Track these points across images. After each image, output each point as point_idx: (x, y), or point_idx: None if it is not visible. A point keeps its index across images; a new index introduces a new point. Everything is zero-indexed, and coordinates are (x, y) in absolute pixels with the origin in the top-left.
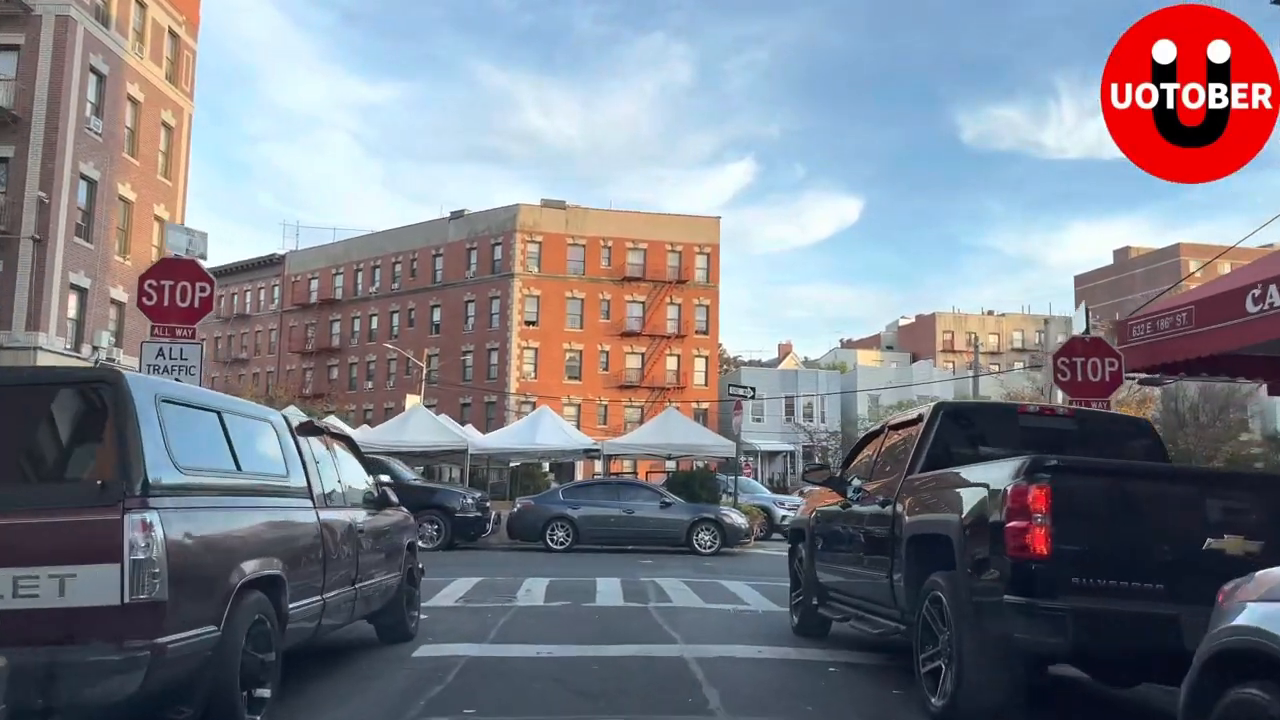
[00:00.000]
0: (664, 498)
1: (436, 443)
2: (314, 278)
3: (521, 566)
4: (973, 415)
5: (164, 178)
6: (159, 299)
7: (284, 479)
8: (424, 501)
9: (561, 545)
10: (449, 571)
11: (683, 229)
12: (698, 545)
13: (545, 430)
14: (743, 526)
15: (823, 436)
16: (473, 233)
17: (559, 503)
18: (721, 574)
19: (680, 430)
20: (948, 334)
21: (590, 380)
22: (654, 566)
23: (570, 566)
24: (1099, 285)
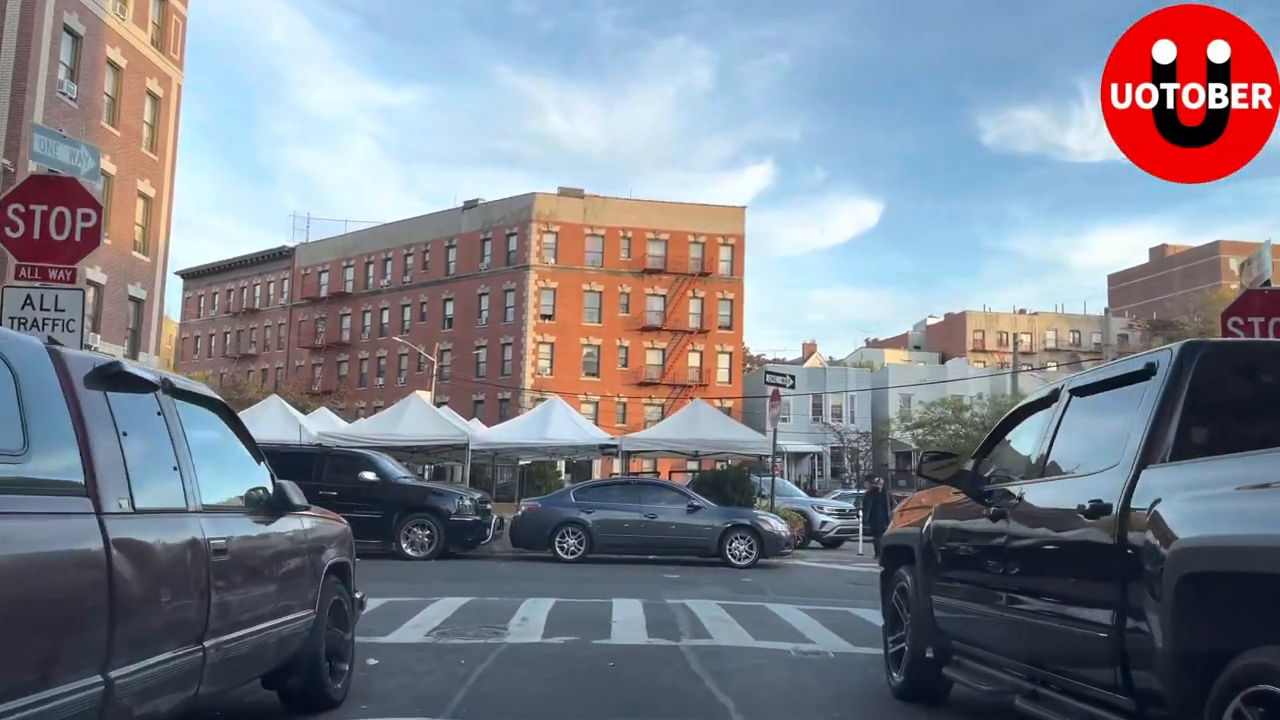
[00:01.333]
0: (691, 500)
1: (435, 436)
2: (324, 271)
3: (523, 581)
4: (1253, 359)
5: (149, 151)
6: (26, 230)
7: (18, 460)
8: (413, 503)
9: (573, 555)
10: (432, 589)
11: (706, 219)
12: (731, 556)
13: (557, 423)
14: (783, 534)
15: (853, 437)
16: (487, 223)
17: (570, 505)
18: (765, 593)
19: (709, 424)
20: (978, 333)
21: (608, 377)
22: (682, 583)
23: (581, 582)
24: (1134, 285)
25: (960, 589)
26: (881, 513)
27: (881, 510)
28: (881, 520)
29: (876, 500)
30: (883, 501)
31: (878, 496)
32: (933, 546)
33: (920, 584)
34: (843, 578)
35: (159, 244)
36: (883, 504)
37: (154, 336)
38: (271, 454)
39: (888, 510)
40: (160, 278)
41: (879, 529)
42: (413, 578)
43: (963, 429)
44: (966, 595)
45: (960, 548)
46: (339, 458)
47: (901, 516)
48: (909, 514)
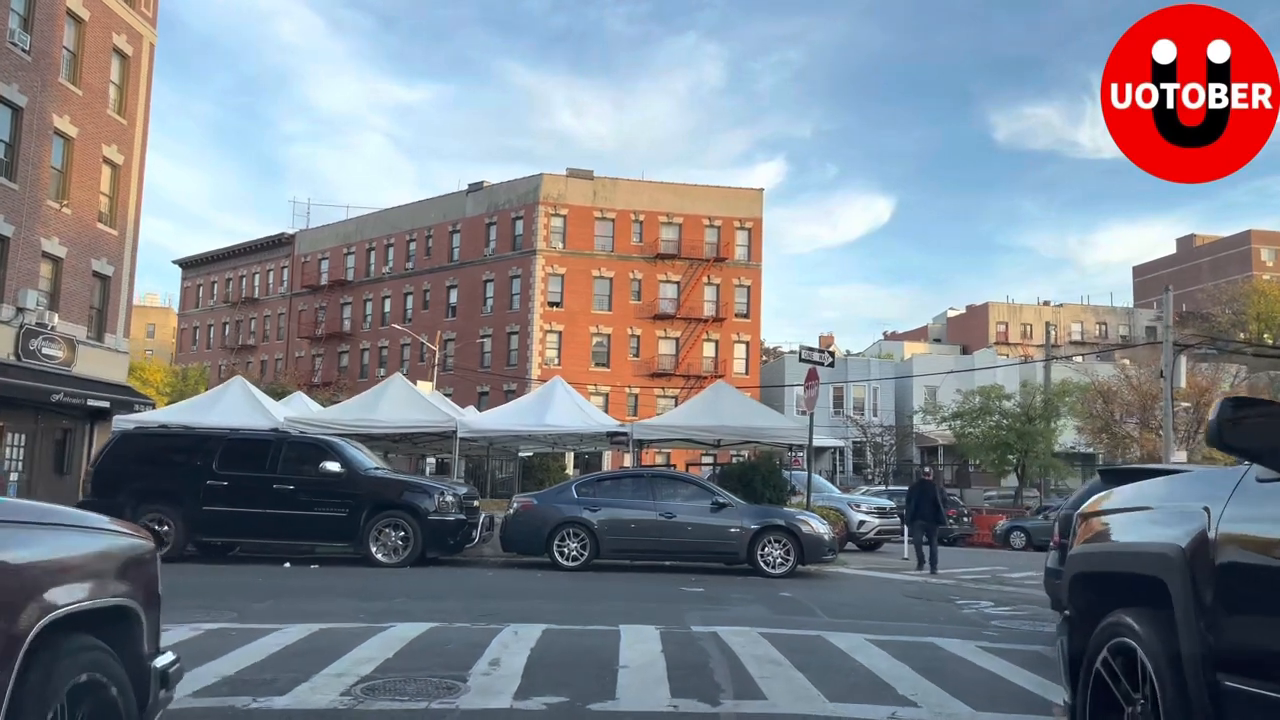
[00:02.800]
0: (716, 496)
1: (417, 422)
2: (324, 258)
3: (509, 598)
4: None
5: (117, 114)
6: None
7: None
8: (385, 498)
9: (574, 562)
10: (390, 609)
11: (721, 202)
12: (765, 563)
13: (558, 407)
14: (825, 538)
15: (876, 431)
16: (492, 206)
17: (572, 502)
18: (815, 614)
19: (734, 409)
20: (1001, 325)
21: (619, 367)
22: (708, 600)
23: (582, 599)
24: (1160, 276)
25: None
26: (928, 510)
27: (928, 507)
28: (929, 519)
29: (923, 493)
30: (930, 495)
31: (925, 488)
32: (1232, 579)
33: (1191, 647)
34: (897, 589)
35: (128, 216)
36: (930, 498)
37: (123, 317)
38: (215, 441)
39: (940, 508)
40: (130, 254)
41: (929, 529)
42: (372, 591)
43: (1004, 419)
44: None
45: None
46: (296, 445)
47: (1089, 525)
48: (1113, 521)
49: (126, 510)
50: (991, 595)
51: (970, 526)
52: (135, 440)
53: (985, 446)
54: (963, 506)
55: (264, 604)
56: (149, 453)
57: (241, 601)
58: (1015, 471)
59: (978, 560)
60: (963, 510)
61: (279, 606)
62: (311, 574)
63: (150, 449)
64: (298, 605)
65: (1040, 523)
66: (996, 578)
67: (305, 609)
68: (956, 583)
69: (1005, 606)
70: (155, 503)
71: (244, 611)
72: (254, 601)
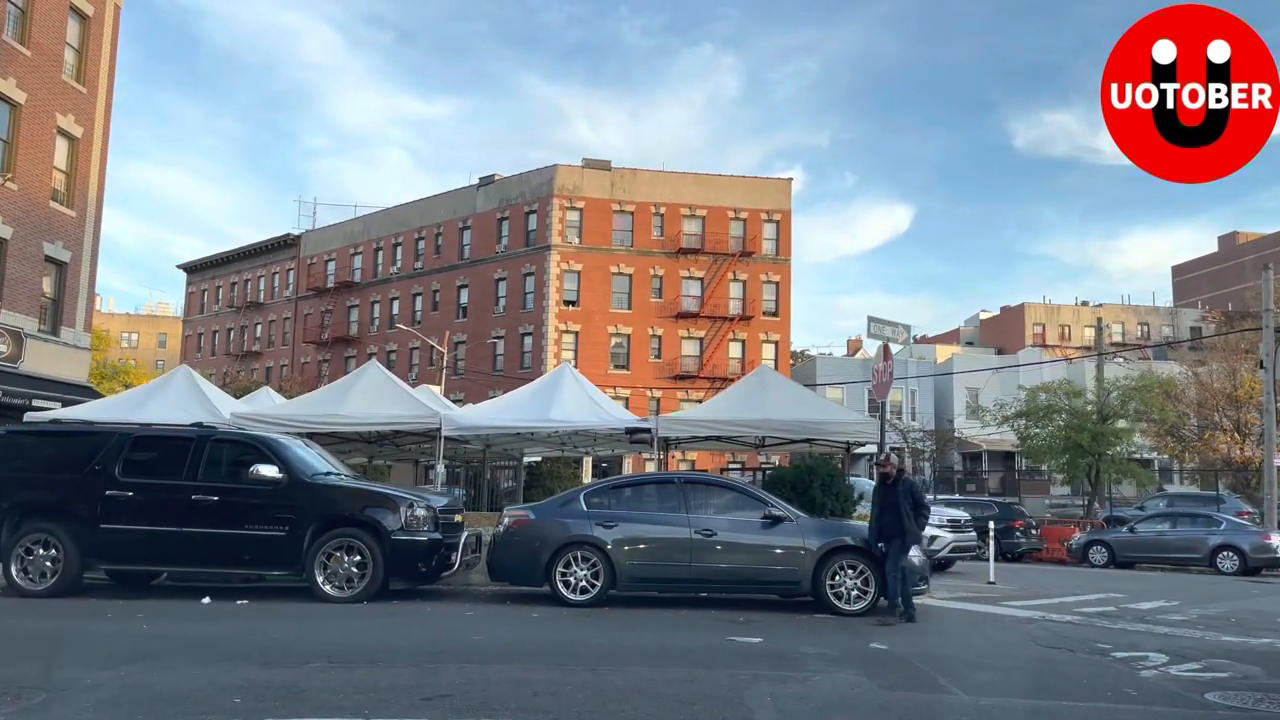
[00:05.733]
0: (770, 508)
1: (391, 416)
2: (330, 259)
3: (479, 662)
4: None
5: (74, 81)
6: None
7: None
8: (336, 513)
9: (583, 595)
10: (292, 689)
11: (747, 192)
12: (835, 596)
13: (566, 400)
14: (916, 564)
15: (916, 436)
16: (504, 200)
17: (580, 516)
18: (941, 686)
19: (783, 399)
20: (1038, 326)
21: (639, 369)
22: (774, 659)
23: (589, 664)
24: (1201, 275)
25: None
26: (891, 521)
27: (890, 517)
28: (889, 523)
29: (887, 496)
30: (893, 499)
31: (890, 490)
32: None
33: None
34: (1019, 633)
35: (88, 196)
36: (900, 496)
37: (82, 310)
38: (118, 440)
39: (908, 519)
40: (91, 239)
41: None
42: (285, 649)
43: (1074, 419)
44: None
45: None
46: (224, 445)
47: None
48: None
49: (2, 530)
50: (1153, 642)
51: (1039, 540)
52: (17, 440)
53: (1054, 450)
54: (1030, 518)
55: (105, 674)
56: (35, 456)
57: (73, 670)
58: (1087, 477)
59: (1066, 582)
60: (1030, 521)
61: (122, 681)
62: (226, 615)
63: (36, 451)
64: (153, 678)
65: (1124, 535)
66: (1126, 611)
67: (159, 686)
68: (1084, 620)
69: (1190, 663)
70: (40, 519)
71: (56, 693)
72: (94, 669)
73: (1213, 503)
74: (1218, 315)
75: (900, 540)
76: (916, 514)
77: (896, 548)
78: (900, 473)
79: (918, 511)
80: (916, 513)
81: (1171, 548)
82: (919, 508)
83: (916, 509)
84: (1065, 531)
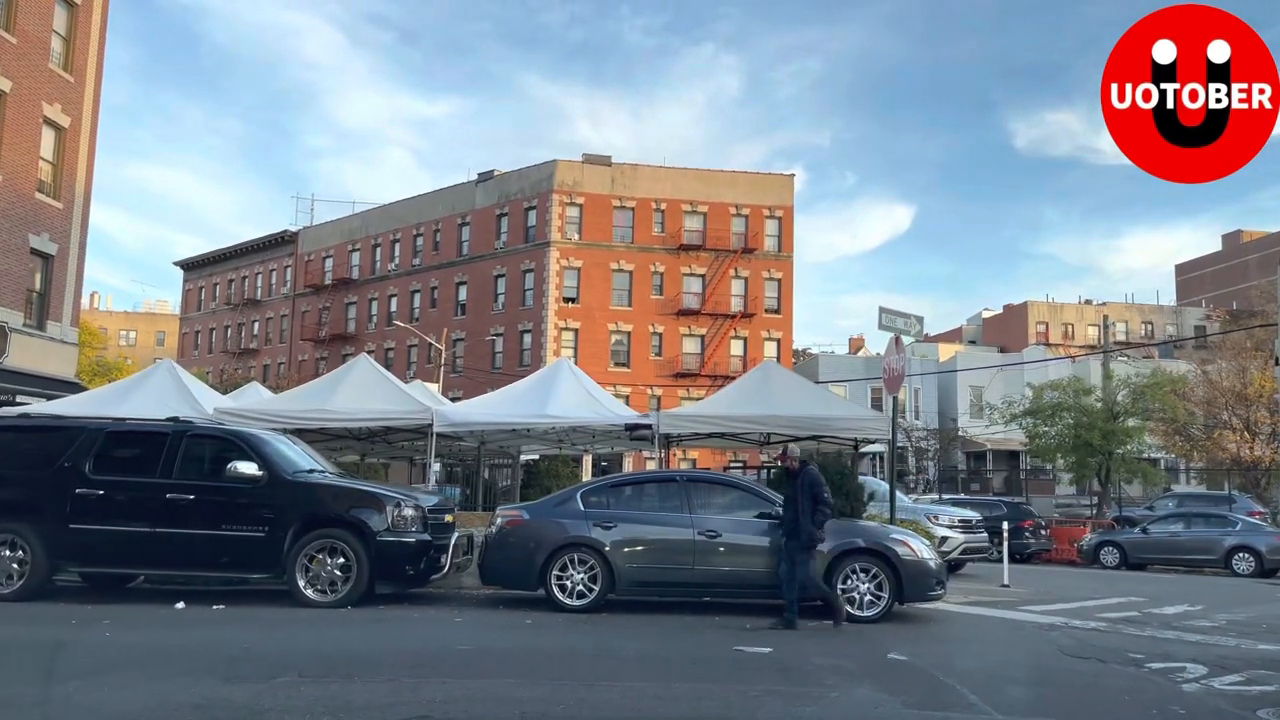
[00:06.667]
0: (777, 507)
1: (381, 411)
2: (328, 256)
3: (463, 676)
4: None
5: (62, 70)
6: None
7: None
8: (319, 513)
9: (580, 599)
10: (257, 705)
11: (749, 188)
12: (846, 602)
13: (563, 395)
14: (931, 565)
15: (920, 435)
16: (503, 195)
17: (577, 516)
18: (969, 704)
19: (790, 394)
20: (1041, 324)
21: (640, 367)
22: (785, 671)
23: (583, 678)
24: (1205, 274)
25: None
26: (791, 509)
27: (792, 504)
28: (790, 520)
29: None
30: (803, 486)
31: (793, 479)
32: None
33: None
34: (1042, 640)
35: (76, 188)
36: (799, 490)
37: (69, 305)
38: (89, 435)
39: (803, 517)
40: (80, 232)
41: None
42: (255, 658)
43: (1084, 417)
44: None
45: None
46: (200, 441)
47: None
48: None
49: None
50: (1188, 650)
51: (1048, 541)
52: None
53: (1064, 448)
54: (1040, 518)
55: (54, 689)
56: (1, 452)
57: (19, 685)
58: (1098, 476)
59: (1081, 584)
60: (1040, 522)
61: (69, 698)
62: (198, 622)
63: (3, 447)
64: (103, 696)
65: (1137, 536)
66: (1150, 616)
67: (107, 705)
68: (1110, 627)
69: (1231, 675)
70: (6, 519)
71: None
72: (43, 684)
73: (1224, 503)
74: (1222, 314)
75: (796, 540)
76: (814, 510)
77: (793, 548)
78: (803, 465)
79: (815, 508)
80: (814, 509)
81: (1185, 549)
82: (818, 504)
83: (815, 505)
84: (1075, 532)
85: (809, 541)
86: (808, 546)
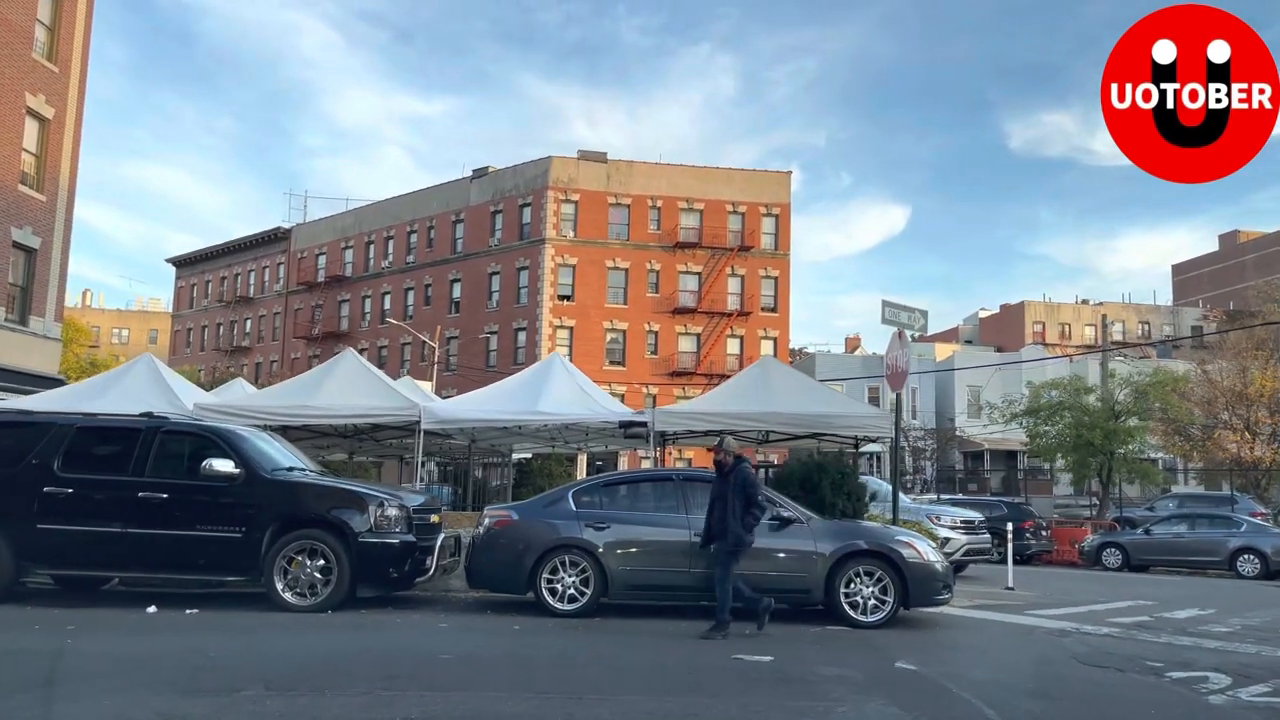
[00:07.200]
0: (779, 508)
1: (366, 408)
2: (321, 253)
3: (441, 687)
4: None
5: (45, 60)
6: None
7: None
8: (298, 513)
9: (571, 604)
10: None
11: (746, 186)
12: (850, 606)
13: (556, 391)
14: (938, 568)
15: (917, 434)
16: (498, 192)
17: (569, 516)
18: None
19: (790, 390)
20: (1038, 324)
21: (635, 365)
22: (788, 682)
23: (571, 690)
24: (1202, 274)
25: None
26: (721, 508)
27: (721, 502)
28: (719, 521)
29: (721, 484)
30: (735, 485)
31: (725, 477)
32: None
33: None
34: (1055, 648)
35: (60, 181)
36: (731, 489)
37: (53, 300)
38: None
39: (732, 519)
40: (64, 225)
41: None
42: (220, 669)
43: (1085, 416)
44: None
45: None
46: (175, 437)
47: None
48: None
49: None
50: (1208, 659)
51: (1049, 542)
52: None
53: (1064, 448)
54: (1040, 518)
55: (1, 704)
56: None
57: None
58: (1099, 476)
59: (1086, 587)
60: (1040, 522)
61: (12, 713)
62: (168, 628)
63: None
64: (51, 711)
65: (1140, 537)
66: (1163, 621)
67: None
68: (1123, 633)
69: (1257, 685)
70: None
71: None
72: None
73: (1226, 503)
74: (1219, 314)
75: (723, 542)
76: (745, 512)
77: (722, 551)
78: (738, 461)
79: (747, 510)
80: (745, 511)
81: (1189, 550)
82: (749, 506)
83: (746, 507)
84: (1076, 533)
85: (735, 545)
86: (734, 550)
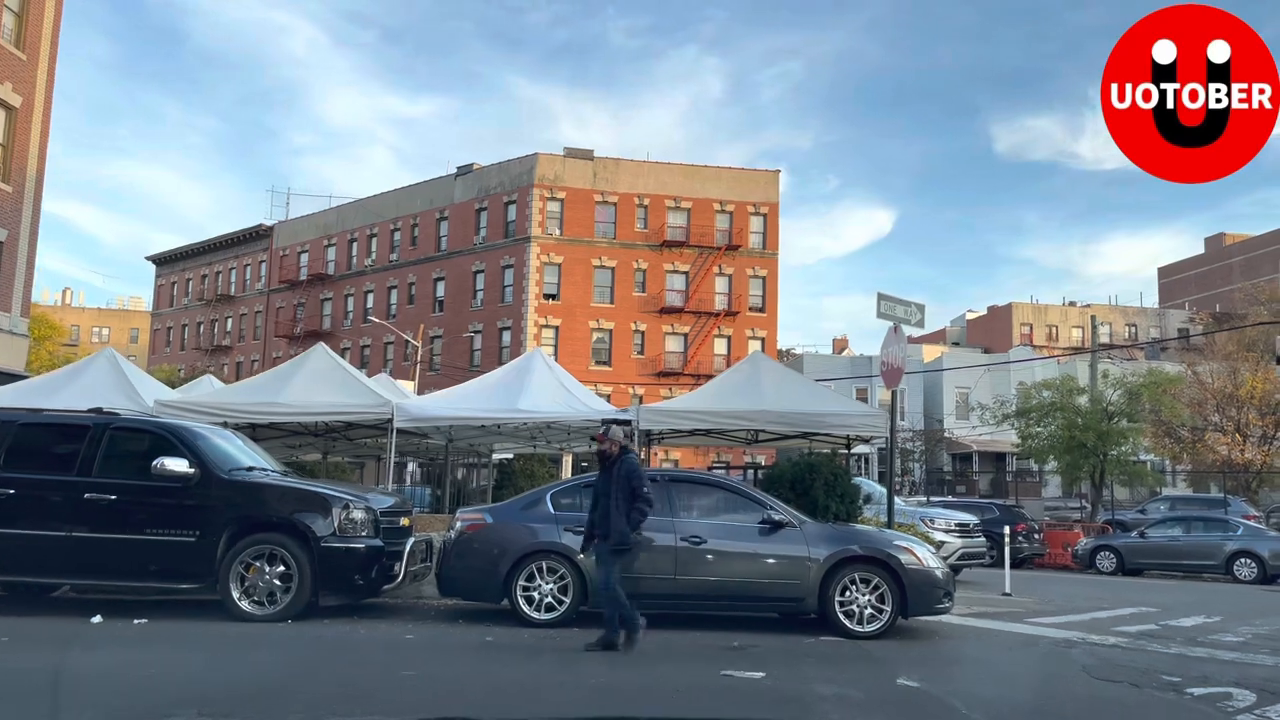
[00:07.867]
0: (769, 511)
1: (336, 405)
2: (303, 251)
3: (398, 713)
4: None
5: (14, 47)
6: None
7: None
8: (256, 515)
9: (549, 613)
10: None
11: (734, 184)
12: (845, 615)
13: (536, 388)
14: (938, 574)
15: (905, 436)
16: (483, 190)
17: (547, 520)
18: None
19: (781, 388)
20: (1025, 326)
21: (622, 366)
22: (783, 703)
23: (545, 713)
24: (1188, 277)
25: None
26: (605, 503)
27: (605, 498)
28: (601, 516)
29: (605, 476)
30: (619, 477)
31: (610, 468)
32: None
33: None
34: (1062, 659)
35: (28, 172)
36: (615, 481)
37: (19, 294)
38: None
39: (630, 498)
40: (32, 217)
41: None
42: (152, 689)
43: (1078, 417)
44: None
45: None
46: (126, 434)
47: None
48: None
49: None
50: (1226, 672)
51: (1041, 545)
52: None
53: (1056, 449)
54: (1033, 521)
55: None
56: None
57: None
58: (1091, 478)
59: (1084, 592)
60: (1033, 525)
61: None
62: (108, 641)
63: None
64: None
65: (1134, 540)
66: (1171, 630)
67: None
68: (1132, 643)
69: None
70: None
71: None
72: None
73: (1219, 506)
74: (1205, 316)
75: (605, 541)
76: (630, 506)
77: (605, 551)
78: (624, 452)
79: (632, 504)
80: (630, 505)
81: (1185, 554)
82: (635, 499)
83: (631, 500)
84: (1068, 536)
85: (620, 543)
86: (617, 549)
